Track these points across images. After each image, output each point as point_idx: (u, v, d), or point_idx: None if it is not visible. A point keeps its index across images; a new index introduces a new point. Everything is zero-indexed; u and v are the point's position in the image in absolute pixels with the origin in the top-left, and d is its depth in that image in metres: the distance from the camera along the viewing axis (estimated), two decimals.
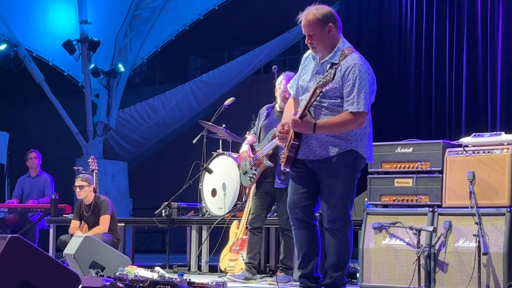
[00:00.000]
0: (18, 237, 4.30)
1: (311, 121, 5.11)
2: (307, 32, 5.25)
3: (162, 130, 16.60)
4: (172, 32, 15.53)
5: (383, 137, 7.74)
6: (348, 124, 5.13)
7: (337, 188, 5.19)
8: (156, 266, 5.83)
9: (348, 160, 5.19)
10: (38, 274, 4.29)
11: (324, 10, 5.27)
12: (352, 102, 5.11)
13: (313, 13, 5.24)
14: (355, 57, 5.22)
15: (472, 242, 6.11)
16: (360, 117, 5.14)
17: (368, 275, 6.65)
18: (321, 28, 5.21)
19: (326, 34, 5.23)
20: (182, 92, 15.99)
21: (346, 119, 5.12)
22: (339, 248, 5.26)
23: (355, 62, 5.17)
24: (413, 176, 6.64)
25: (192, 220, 9.08)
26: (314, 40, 5.23)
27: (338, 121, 5.13)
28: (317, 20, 5.21)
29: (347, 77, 5.14)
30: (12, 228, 10.86)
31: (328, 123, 5.14)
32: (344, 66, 5.16)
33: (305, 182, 5.31)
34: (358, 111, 5.11)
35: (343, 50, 5.24)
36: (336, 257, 5.26)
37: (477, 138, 6.46)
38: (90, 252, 7.28)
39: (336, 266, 5.27)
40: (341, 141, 5.18)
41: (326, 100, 5.18)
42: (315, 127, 5.10)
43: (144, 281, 4.96)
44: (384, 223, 6.60)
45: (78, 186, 8.75)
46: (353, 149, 5.19)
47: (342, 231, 5.24)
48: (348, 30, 12.98)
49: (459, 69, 11.42)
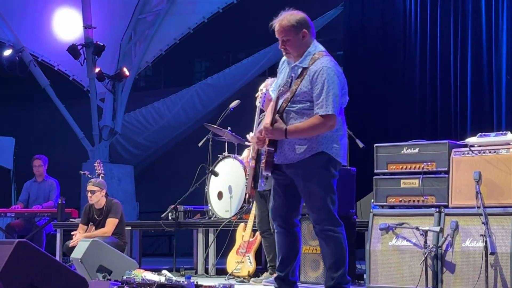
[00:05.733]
0: (26, 242, 4.32)
1: (282, 127, 5.20)
2: (281, 37, 5.30)
3: (167, 133, 16.61)
4: (177, 35, 15.52)
5: (389, 138, 7.75)
6: (318, 127, 5.19)
7: (315, 191, 5.25)
8: (163, 270, 5.84)
9: (321, 162, 5.24)
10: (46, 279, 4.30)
11: (298, 16, 5.33)
12: (321, 105, 5.16)
13: (287, 19, 5.30)
14: (324, 60, 5.26)
15: (479, 242, 6.10)
16: (330, 120, 5.18)
17: (375, 276, 6.65)
18: (295, 34, 5.28)
19: (300, 39, 5.29)
20: (187, 95, 15.99)
21: (316, 123, 5.18)
22: (333, 248, 5.30)
23: (323, 65, 5.22)
24: (419, 177, 6.64)
25: (199, 223, 9.09)
26: (288, 45, 5.30)
27: (308, 125, 5.19)
28: (291, 26, 5.27)
29: (316, 80, 5.19)
30: (19, 233, 10.87)
31: (299, 127, 5.21)
32: (313, 70, 5.22)
33: (285, 189, 5.40)
34: (327, 114, 5.16)
35: (314, 54, 5.29)
36: (333, 257, 5.31)
37: (483, 138, 6.46)
38: (97, 256, 7.28)
39: (335, 266, 5.30)
40: (311, 144, 5.23)
41: (296, 105, 5.25)
42: (286, 132, 5.19)
43: (151, 284, 4.97)
44: (390, 224, 6.60)
45: (90, 191, 8.75)
46: (324, 151, 5.24)
47: (332, 231, 5.28)
48: (352, 31, 13.01)
49: (464, 69, 11.41)
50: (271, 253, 7.53)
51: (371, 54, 12.63)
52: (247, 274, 7.82)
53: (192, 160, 9.88)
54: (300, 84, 5.20)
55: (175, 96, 16.17)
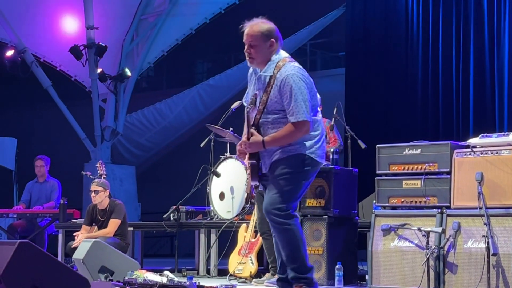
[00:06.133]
0: (28, 243, 4.32)
1: (259, 139, 5.35)
2: (249, 41, 5.39)
3: (169, 134, 16.61)
4: (179, 36, 15.53)
5: (390, 138, 7.75)
6: (294, 134, 5.32)
7: (279, 183, 5.35)
8: (165, 270, 5.83)
9: (295, 161, 5.37)
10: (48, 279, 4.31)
11: (269, 25, 5.44)
12: (292, 113, 5.28)
13: (259, 25, 5.41)
14: (288, 68, 5.35)
15: (481, 243, 6.10)
16: (303, 126, 5.30)
17: (377, 277, 6.64)
18: (264, 42, 5.38)
19: (266, 48, 5.39)
20: (189, 96, 16.00)
21: (291, 131, 5.31)
22: (286, 240, 5.36)
23: (287, 73, 5.32)
24: (421, 178, 6.64)
25: (201, 224, 9.09)
26: (253, 51, 5.39)
27: (284, 133, 5.33)
28: (261, 33, 5.38)
29: (283, 89, 5.30)
30: (21, 234, 10.87)
31: (275, 137, 5.35)
32: (279, 80, 5.32)
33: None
34: (299, 121, 5.27)
35: (278, 62, 5.38)
36: (287, 249, 5.39)
37: (485, 139, 6.45)
38: (99, 256, 7.28)
39: (292, 257, 5.38)
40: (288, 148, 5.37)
41: (270, 116, 5.38)
42: (264, 144, 5.35)
43: (153, 285, 4.97)
44: (392, 225, 6.60)
45: (93, 191, 8.75)
46: (299, 153, 5.37)
47: (284, 223, 5.34)
48: (354, 32, 13.01)
49: (466, 70, 11.41)
50: (272, 255, 7.51)
51: (373, 55, 12.63)
52: (249, 275, 7.82)
53: (194, 160, 9.88)
54: (269, 94, 5.32)
55: (177, 97, 16.18)
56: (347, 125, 8.83)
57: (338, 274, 7.15)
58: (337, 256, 7.31)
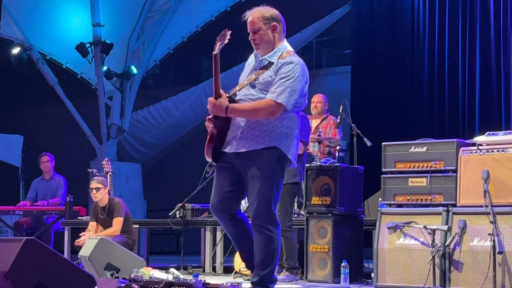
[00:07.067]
0: (34, 240, 4.33)
1: (224, 103, 5.14)
2: (252, 29, 5.33)
3: (175, 131, 16.62)
4: (185, 33, 15.55)
5: (396, 136, 7.74)
6: (261, 110, 5.12)
7: (261, 186, 5.17)
8: (170, 268, 5.84)
9: (272, 158, 5.18)
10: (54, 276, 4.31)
11: (271, 11, 5.37)
12: (274, 92, 5.12)
13: (259, 11, 5.35)
14: (293, 58, 5.26)
15: (487, 241, 6.09)
16: (276, 108, 5.11)
17: (383, 275, 6.64)
18: (266, 26, 5.30)
19: (270, 32, 5.30)
20: (195, 93, 16.00)
21: (260, 106, 5.13)
22: (265, 245, 5.23)
23: (292, 60, 5.21)
24: (427, 176, 6.63)
25: (206, 222, 9.09)
26: (258, 37, 5.31)
27: (254, 106, 5.15)
28: (262, 17, 5.31)
29: (280, 70, 5.17)
30: (27, 231, 10.88)
31: (241, 107, 5.17)
32: (281, 63, 5.21)
33: (231, 181, 5.32)
34: (276, 102, 5.09)
35: (283, 52, 5.30)
36: (262, 254, 5.25)
37: (491, 137, 6.44)
38: (105, 254, 7.30)
39: (263, 263, 5.25)
40: (265, 136, 5.17)
41: (255, 93, 5.22)
42: (227, 109, 5.13)
43: (159, 282, 4.97)
44: (398, 223, 6.60)
45: (95, 189, 8.76)
46: (276, 146, 5.18)
47: (267, 230, 5.21)
48: (360, 29, 13.00)
49: (472, 67, 11.39)
50: (287, 253, 7.51)
51: (379, 53, 12.62)
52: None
53: (200, 158, 9.87)
54: (263, 73, 5.19)
55: (183, 94, 16.19)
56: (353, 123, 8.83)
57: (343, 271, 7.16)
58: (343, 253, 7.32)
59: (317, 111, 9.08)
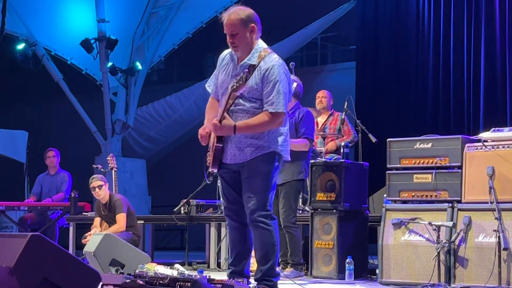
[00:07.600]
0: (39, 235, 4.32)
1: (231, 123, 5.22)
2: (230, 31, 5.34)
3: (180, 127, 16.62)
4: (189, 29, 15.53)
5: (401, 132, 7.74)
6: (267, 124, 5.24)
7: (256, 183, 5.28)
8: (175, 263, 5.84)
9: (268, 160, 5.30)
10: (59, 272, 4.31)
11: (247, 11, 5.39)
12: (272, 103, 5.20)
13: (236, 13, 5.36)
14: (273, 58, 5.30)
15: (492, 238, 6.09)
16: (278, 118, 5.24)
17: (388, 271, 6.64)
18: (244, 28, 5.31)
19: (248, 34, 5.32)
20: (200, 89, 15.97)
21: (265, 120, 5.23)
22: (263, 240, 5.31)
23: (273, 63, 5.25)
24: (432, 172, 6.63)
25: (211, 217, 9.10)
26: (237, 39, 5.33)
27: (258, 121, 5.24)
28: (240, 19, 5.32)
29: (267, 78, 5.23)
30: (32, 227, 10.91)
31: (248, 124, 5.24)
32: (263, 68, 5.25)
33: (233, 187, 5.46)
34: (277, 112, 5.21)
35: (260, 51, 5.32)
36: (262, 249, 5.33)
37: (496, 133, 6.43)
38: (110, 249, 7.31)
39: (264, 258, 5.33)
40: (262, 144, 5.29)
41: (246, 103, 5.27)
42: (235, 129, 5.22)
43: (164, 278, 4.97)
44: (403, 219, 6.60)
45: (97, 187, 8.78)
46: (273, 151, 5.30)
47: (264, 223, 5.29)
48: (365, 26, 12.98)
49: (477, 64, 11.36)
50: (281, 249, 7.51)
51: (384, 49, 12.60)
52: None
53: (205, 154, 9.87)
54: (249, 81, 5.21)
55: (188, 90, 16.18)
56: (358, 119, 8.83)
57: (348, 268, 7.16)
58: (348, 250, 7.32)
59: (322, 106, 9.12)
